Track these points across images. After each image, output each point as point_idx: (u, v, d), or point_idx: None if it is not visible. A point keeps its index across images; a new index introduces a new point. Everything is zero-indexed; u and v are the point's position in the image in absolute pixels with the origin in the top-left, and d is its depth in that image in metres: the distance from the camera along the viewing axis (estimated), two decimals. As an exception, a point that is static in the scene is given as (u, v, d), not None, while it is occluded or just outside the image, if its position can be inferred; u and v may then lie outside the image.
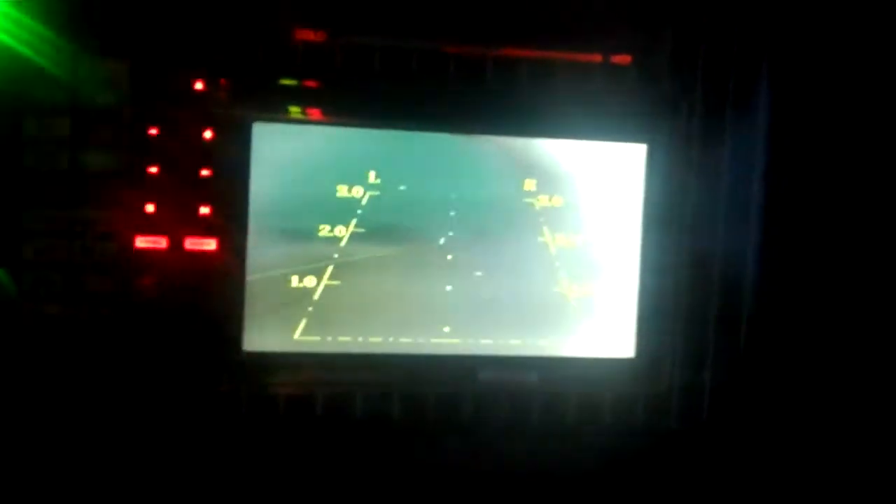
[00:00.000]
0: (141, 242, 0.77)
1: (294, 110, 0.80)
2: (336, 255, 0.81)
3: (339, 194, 0.81)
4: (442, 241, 0.83)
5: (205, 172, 0.78)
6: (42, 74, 0.75)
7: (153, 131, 0.77)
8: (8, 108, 0.74)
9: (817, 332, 0.87)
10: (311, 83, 0.81)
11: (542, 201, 0.85)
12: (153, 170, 0.77)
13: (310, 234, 0.81)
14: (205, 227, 0.78)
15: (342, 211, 0.81)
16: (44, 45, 0.74)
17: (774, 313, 0.86)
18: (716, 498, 0.88)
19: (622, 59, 0.86)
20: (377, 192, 0.82)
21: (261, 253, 0.80)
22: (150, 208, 0.77)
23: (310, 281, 0.81)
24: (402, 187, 0.82)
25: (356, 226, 0.81)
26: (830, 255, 0.86)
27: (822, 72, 0.86)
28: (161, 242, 0.77)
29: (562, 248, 0.85)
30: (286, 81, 0.81)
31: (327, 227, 0.81)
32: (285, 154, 0.80)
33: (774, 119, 0.86)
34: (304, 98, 0.81)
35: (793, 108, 0.86)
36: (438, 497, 0.84)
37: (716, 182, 0.87)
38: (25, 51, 0.74)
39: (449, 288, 0.84)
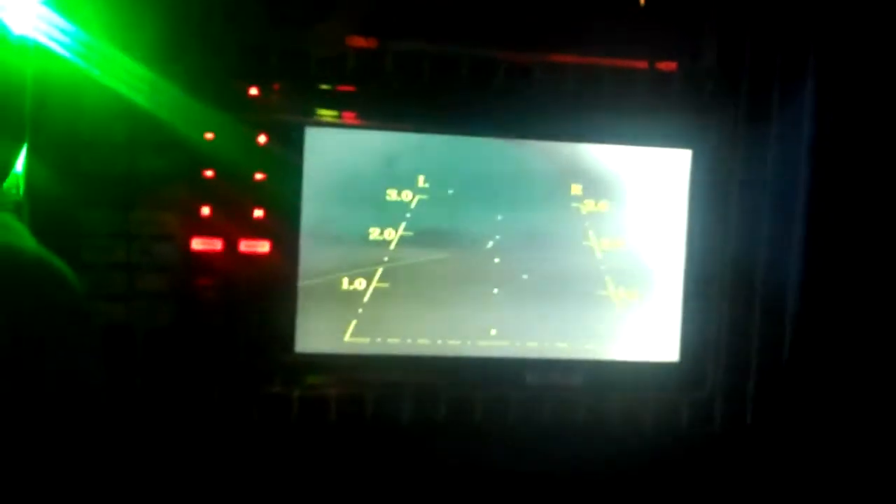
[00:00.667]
0: (197, 244, 0.78)
1: (345, 116, 0.81)
2: (386, 259, 0.83)
3: (388, 198, 0.82)
4: (489, 244, 0.84)
5: (259, 176, 0.79)
6: (97, 83, 0.75)
7: (209, 136, 0.78)
8: (66, 113, 0.75)
9: (861, 336, 0.87)
10: (362, 89, 0.82)
11: (588, 206, 0.86)
12: (209, 174, 0.78)
13: (360, 237, 0.82)
14: (258, 230, 0.79)
15: (392, 214, 0.83)
16: (100, 53, 0.75)
17: (818, 318, 0.87)
18: (759, 502, 0.88)
19: (668, 65, 0.87)
20: (426, 196, 0.83)
21: (313, 255, 0.81)
22: (205, 211, 0.78)
23: (360, 283, 0.82)
24: (450, 191, 0.83)
25: (405, 229, 0.83)
26: (875, 261, 0.87)
27: (868, 76, 0.86)
28: (216, 244, 0.79)
29: (607, 252, 0.86)
30: (338, 87, 0.81)
31: (377, 231, 0.82)
32: (337, 158, 0.81)
33: (820, 125, 0.86)
34: (355, 103, 0.82)
35: (839, 113, 0.86)
36: (484, 498, 0.85)
37: (760, 188, 0.87)
38: (81, 59, 0.75)
39: (496, 291, 0.85)
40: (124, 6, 0.77)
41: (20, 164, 0.76)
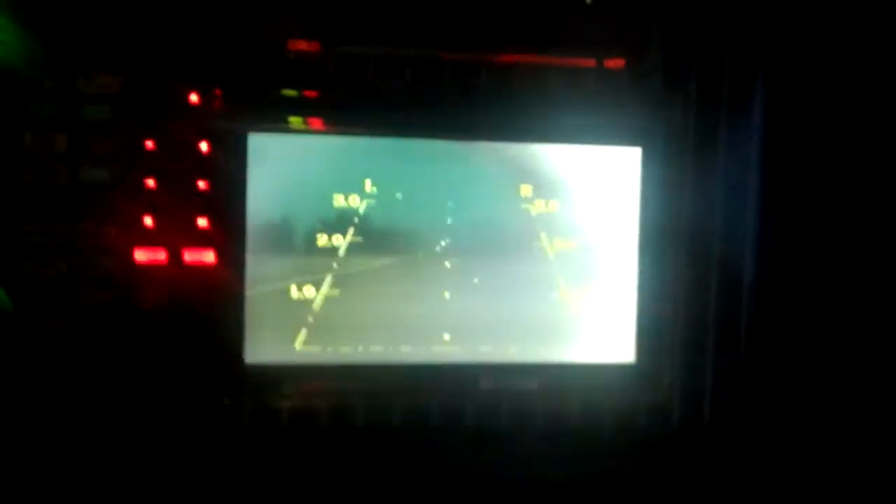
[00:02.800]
0: (140, 255, 0.77)
1: (289, 120, 0.81)
2: (335, 265, 0.81)
3: (335, 203, 0.81)
4: (439, 248, 0.83)
5: (202, 184, 0.78)
6: (39, 90, 0.74)
7: (149, 144, 0.76)
8: (6, 124, 0.73)
9: (817, 333, 0.87)
10: (305, 93, 0.81)
11: (538, 206, 0.85)
12: (150, 183, 0.77)
13: (308, 245, 0.81)
14: (203, 239, 0.78)
15: (339, 220, 0.82)
16: (41, 61, 0.74)
17: (774, 315, 0.86)
18: (718, 501, 0.88)
19: (615, 63, 0.86)
20: (374, 201, 0.82)
21: (259, 264, 0.80)
22: (148, 221, 0.77)
23: (309, 291, 0.81)
24: (398, 195, 0.82)
25: (354, 235, 0.81)
26: (829, 255, 0.86)
27: (816, 71, 0.86)
28: (160, 255, 0.77)
29: (559, 253, 0.86)
30: (281, 92, 0.80)
31: (325, 237, 0.81)
32: (281, 164, 0.80)
33: (769, 119, 0.86)
34: (298, 108, 0.81)
35: (788, 107, 0.86)
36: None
37: (712, 184, 0.87)
38: (23, 66, 0.74)
39: (447, 295, 0.84)
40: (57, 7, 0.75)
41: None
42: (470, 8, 0.84)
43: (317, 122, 0.81)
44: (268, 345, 0.81)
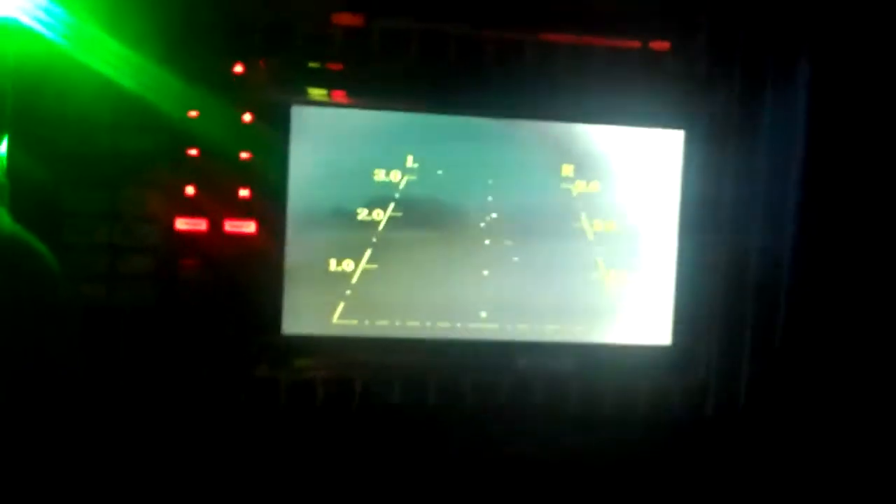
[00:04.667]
0: (181, 224, 0.77)
1: (332, 94, 0.80)
2: (374, 239, 0.81)
3: (377, 178, 0.81)
4: (479, 226, 0.83)
5: (244, 155, 0.78)
6: (81, 62, 0.74)
7: (193, 114, 0.76)
8: (49, 94, 0.74)
9: (855, 318, 0.86)
10: (348, 67, 0.80)
11: (579, 187, 0.85)
12: (193, 153, 0.77)
13: (348, 218, 0.81)
14: (244, 210, 0.78)
15: (380, 195, 0.81)
16: (83, 34, 0.74)
17: (812, 301, 0.86)
18: (751, 486, 0.87)
19: (660, 45, 0.86)
20: (415, 177, 0.82)
21: (299, 236, 0.80)
22: (190, 191, 0.77)
23: (348, 264, 0.81)
24: (439, 172, 0.82)
25: (394, 210, 0.81)
26: (869, 242, 0.86)
27: (862, 55, 0.85)
28: (201, 225, 0.77)
29: (599, 234, 0.85)
30: (324, 65, 0.80)
31: (365, 211, 0.81)
32: (324, 137, 0.80)
33: (813, 104, 0.85)
34: (342, 82, 0.81)
35: (832, 92, 0.85)
36: (474, 482, 0.84)
37: (754, 168, 0.86)
38: (65, 41, 0.74)
39: (486, 273, 0.83)
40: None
41: (3, 146, 0.74)
42: (516, -14, 0.83)
43: (359, 97, 0.81)
44: (305, 316, 0.81)
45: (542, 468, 0.85)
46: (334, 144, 0.81)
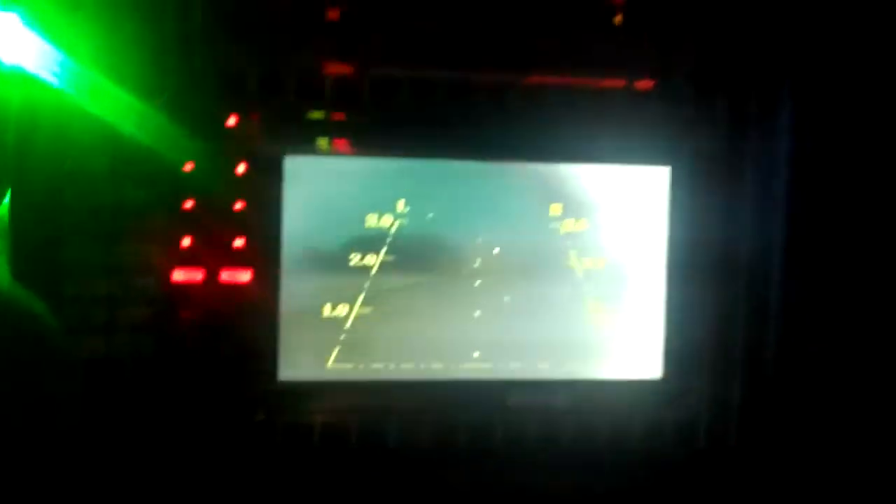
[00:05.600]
0: (178, 276, 0.78)
1: (324, 142, 0.82)
2: (367, 284, 0.83)
3: (368, 224, 0.83)
4: (470, 267, 0.85)
5: (238, 206, 0.79)
6: (80, 112, 0.76)
7: (188, 166, 0.78)
8: (48, 148, 0.75)
9: (848, 351, 0.87)
10: (340, 115, 0.82)
11: (567, 226, 0.86)
12: (189, 204, 0.78)
13: (341, 264, 0.82)
14: (239, 259, 0.80)
15: (372, 240, 0.83)
16: (82, 85, 0.76)
17: (803, 333, 0.87)
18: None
19: (645, 83, 0.87)
20: (406, 221, 0.83)
21: (294, 283, 0.81)
22: (186, 242, 0.78)
23: (342, 310, 0.82)
24: (430, 215, 0.84)
25: (386, 254, 0.83)
26: (859, 275, 0.87)
27: (845, 90, 0.86)
28: (197, 275, 0.79)
29: (588, 272, 0.87)
30: (316, 114, 0.82)
31: (358, 256, 0.82)
32: (316, 186, 0.82)
33: (798, 139, 0.87)
34: (334, 130, 0.82)
35: (816, 127, 0.87)
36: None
37: (741, 203, 0.88)
38: (63, 88, 0.75)
39: (477, 314, 0.85)
40: (108, 36, 0.76)
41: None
42: (499, 30, 0.85)
43: (351, 144, 0.83)
44: (301, 362, 0.83)
45: (537, 504, 0.86)
46: (327, 192, 0.82)
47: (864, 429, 0.87)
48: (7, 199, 0.77)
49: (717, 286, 0.88)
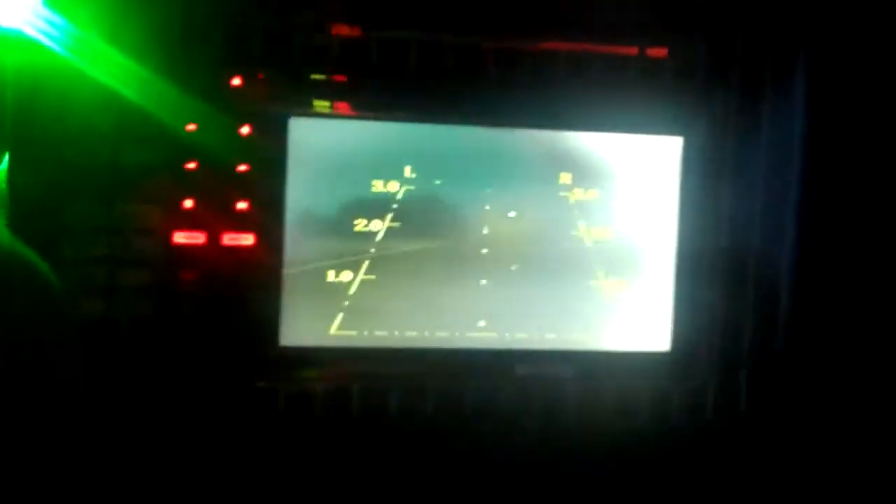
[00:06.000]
0: (179, 238, 0.77)
1: (330, 105, 0.80)
2: (372, 250, 0.81)
3: (374, 189, 0.81)
4: (477, 235, 0.83)
5: (242, 168, 0.78)
6: (80, 73, 0.74)
7: (191, 127, 0.76)
8: (49, 106, 0.74)
9: (856, 324, 0.86)
10: (346, 78, 0.81)
11: (577, 194, 0.85)
12: (191, 166, 0.77)
13: (346, 229, 0.81)
14: (242, 223, 0.78)
15: (378, 205, 0.81)
16: (81, 47, 0.74)
17: (812, 306, 0.86)
18: (753, 491, 0.87)
19: (658, 51, 0.86)
20: (413, 187, 0.82)
21: (297, 248, 0.80)
22: (188, 204, 0.77)
23: (346, 275, 0.81)
24: (437, 181, 0.82)
25: (392, 220, 0.82)
26: (869, 247, 0.86)
27: (860, 61, 0.85)
28: (199, 238, 0.77)
29: (597, 242, 0.85)
30: (322, 76, 0.80)
31: (363, 222, 0.81)
32: (321, 149, 0.80)
33: (812, 110, 0.85)
34: (339, 93, 0.81)
35: (830, 98, 0.85)
36: (474, 491, 0.84)
37: (753, 174, 0.86)
38: (67, 51, 0.74)
39: (484, 282, 0.84)
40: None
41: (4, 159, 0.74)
42: (512, -6, 0.83)
43: (357, 108, 0.81)
44: (303, 328, 0.81)
45: (542, 475, 0.85)
46: (332, 156, 0.81)
47: (871, 398, 0.86)
48: (6, 162, 0.75)
49: (728, 259, 0.87)
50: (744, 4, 0.86)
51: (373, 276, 0.82)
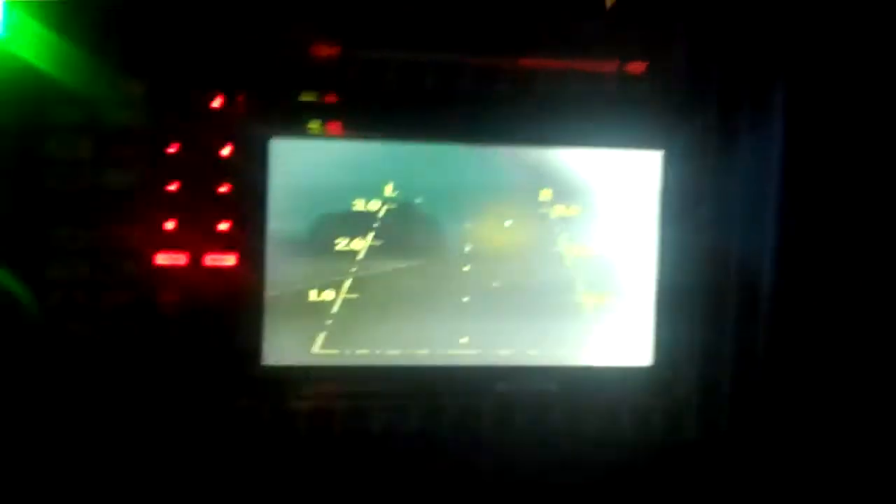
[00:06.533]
0: (161, 259, 0.77)
1: (311, 125, 0.81)
2: (354, 269, 0.82)
3: (356, 208, 0.82)
4: (458, 252, 0.84)
5: (223, 189, 0.79)
6: (63, 93, 0.75)
7: (172, 149, 0.77)
8: (29, 128, 0.74)
9: (837, 337, 0.86)
10: (326, 98, 0.81)
11: (557, 210, 0.85)
12: (172, 187, 0.77)
13: (328, 248, 0.82)
14: (224, 243, 0.79)
15: (359, 224, 0.82)
16: (65, 64, 0.75)
17: (793, 320, 0.86)
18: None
19: (637, 66, 0.86)
20: (394, 205, 0.82)
21: (279, 267, 0.80)
22: (169, 225, 0.77)
23: (328, 294, 0.81)
24: (418, 200, 0.83)
25: (374, 239, 0.82)
26: (848, 259, 0.86)
27: (837, 75, 0.85)
28: (181, 259, 0.78)
29: (578, 258, 0.86)
30: (302, 97, 0.81)
31: (345, 241, 0.82)
32: (302, 169, 0.81)
33: (790, 124, 0.86)
34: (320, 113, 0.81)
35: (809, 112, 0.86)
36: (458, 506, 0.84)
37: (732, 188, 0.86)
38: (47, 69, 0.74)
39: (466, 299, 0.84)
40: (90, 14, 0.75)
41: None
42: (490, 12, 0.83)
43: (338, 127, 0.81)
44: (286, 347, 0.82)
45: (525, 491, 0.85)
46: (313, 175, 0.81)
47: (853, 416, 0.86)
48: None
49: (709, 273, 0.87)
50: (723, 20, 0.86)
51: (355, 295, 0.82)
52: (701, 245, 0.87)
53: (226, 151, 0.79)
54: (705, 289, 0.87)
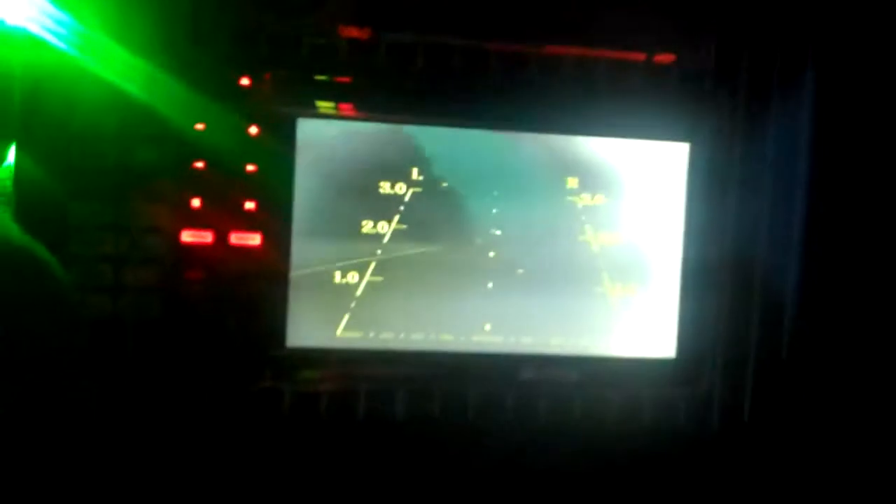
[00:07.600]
0: (187, 237, 0.77)
1: (338, 107, 0.80)
2: (379, 252, 0.81)
3: (382, 191, 0.81)
4: (483, 238, 0.83)
5: (250, 168, 0.78)
6: (88, 72, 0.74)
7: (200, 127, 0.77)
8: (56, 104, 0.74)
9: (860, 332, 0.86)
10: (355, 80, 0.81)
11: (584, 199, 0.85)
12: (200, 165, 0.77)
13: (353, 230, 0.81)
14: (250, 223, 0.78)
15: (385, 207, 0.81)
16: (88, 46, 0.74)
17: (817, 312, 0.86)
18: (756, 499, 0.87)
19: (665, 57, 0.86)
20: (420, 189, 0.82)
21: (305, 248, 0.80)
22: (196, 203, 0.77)
23: (353, 277, 0.81)
24: (444, 184, 0.82)
25: (399, 222, 0.81)
26: (875, 253, 0.85)
27: (867, 69, 0.85)
28: (206, 237, 0.77)
29: (603, 247, 0.85)
30: (331, 78, 0.80)
31: (370, 223, 0.81)
32: (329, 150, 0.80)
33: (819, 118, 0.85)
34: (348, 94, 0.81)
35: (838, 106, 0.85)
36: (478, 495, 0.83)
37: (759, 181, 0.86)
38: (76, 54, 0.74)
39: (490, 285, 0.83)
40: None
41: (11, 156, 0.74)
42: (521, -1, 0.83)
43: (365, 109, 0.81)
44: (310, 329, 0.81)
45: (545, 479, 0.84)
46: (340, 157, 0.81)
47: (877, 409, 0.86)
48: (12, 160, 0.75)
49: (733, 266, 0.87)
50: (752, 12, 0.86)
51: (379, 278, 0.82)
52: (726, 237, 0.86)
53: (253, 130, 0.78)
54: (729, 281, 0.87)
